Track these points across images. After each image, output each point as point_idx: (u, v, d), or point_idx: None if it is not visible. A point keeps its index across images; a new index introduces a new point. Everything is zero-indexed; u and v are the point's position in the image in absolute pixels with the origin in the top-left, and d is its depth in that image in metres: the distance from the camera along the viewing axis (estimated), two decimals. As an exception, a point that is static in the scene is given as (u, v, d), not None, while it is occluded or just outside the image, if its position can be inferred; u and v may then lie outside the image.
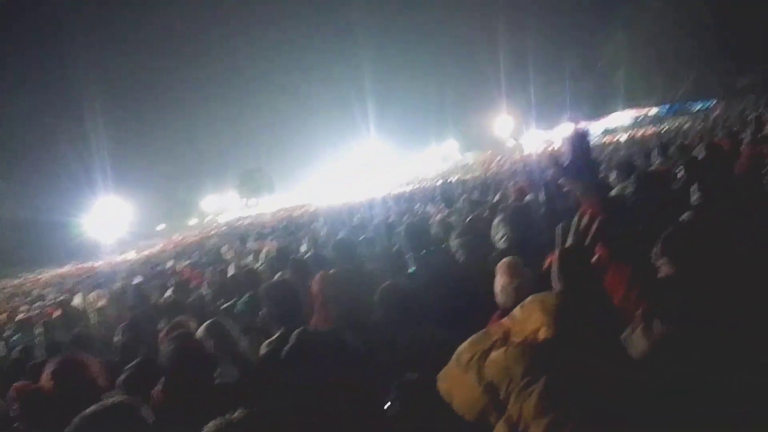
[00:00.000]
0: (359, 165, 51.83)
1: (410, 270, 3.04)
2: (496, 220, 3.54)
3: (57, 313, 9.25)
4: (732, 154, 5.78)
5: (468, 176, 26.72)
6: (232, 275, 6.06)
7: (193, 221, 56.85)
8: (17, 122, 52.01)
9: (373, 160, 50.37)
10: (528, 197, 5.57)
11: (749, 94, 30.48)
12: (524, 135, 41.30)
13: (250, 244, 16.62)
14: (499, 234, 3.49)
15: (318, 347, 1.68)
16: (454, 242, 3.49)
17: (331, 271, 3.14)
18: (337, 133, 56.18)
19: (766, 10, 30.67)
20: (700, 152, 5.84)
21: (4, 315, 12.41)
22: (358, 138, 51.50)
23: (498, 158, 36.49)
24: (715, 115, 28.28)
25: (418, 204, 13.29)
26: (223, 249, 17.28)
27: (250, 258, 11.72)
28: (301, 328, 1.66)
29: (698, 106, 34.29)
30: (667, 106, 35.08)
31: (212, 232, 32.19)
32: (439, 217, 6.67)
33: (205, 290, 6.33)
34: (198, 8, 67.83)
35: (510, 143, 43.57)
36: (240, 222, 36.31)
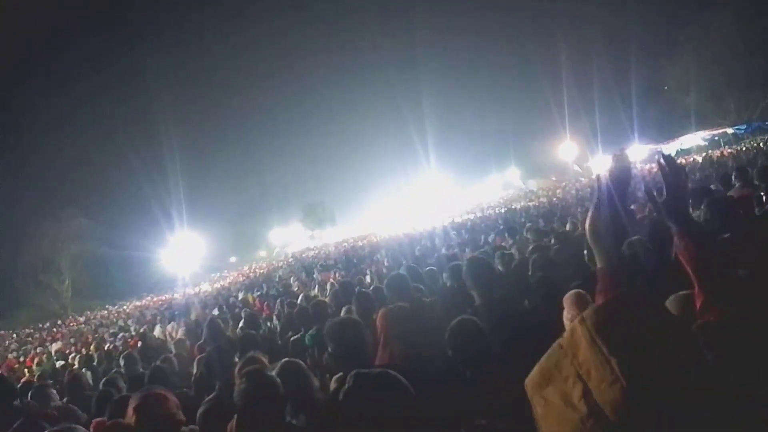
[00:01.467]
0: (420, 194, 52.04)
1: (476, 305, 3.00)
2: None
3: (138, 344, 9.82)
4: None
5: (531, 203, 26.18)
6: (300, 307, 6.21)
7: (261, 253, 58.77)
8: (100, 163, 56.48)
9: (434, 189, 50.42)
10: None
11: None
12: (589, 160, 40.06)
13: (316, 276, 17.00)
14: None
15: (374, 388, 1.67)
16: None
17: (395, 306, 3.15)
18: (397, 163, 56.81)
19: None
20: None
21: (93, 345, 13.25)
22: (418, 167, 51.88)
23: (563, 184, 35.56)
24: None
25: (483, 235, 13.13)
26: (291, 280, 17.78)
27: (316, 290, 12.00)
28: (357, 369, 1.68)
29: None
30: (744, 126, 33.05)
31: (279, 264, 33.14)
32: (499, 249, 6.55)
33: (274, 322, 6.53)
34: (266, 51, 71.64)
35: (575, 168, 42.36)
36: (305, 253, 37.13)
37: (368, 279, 9.86)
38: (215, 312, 11.44)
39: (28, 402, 3.96)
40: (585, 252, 3.97)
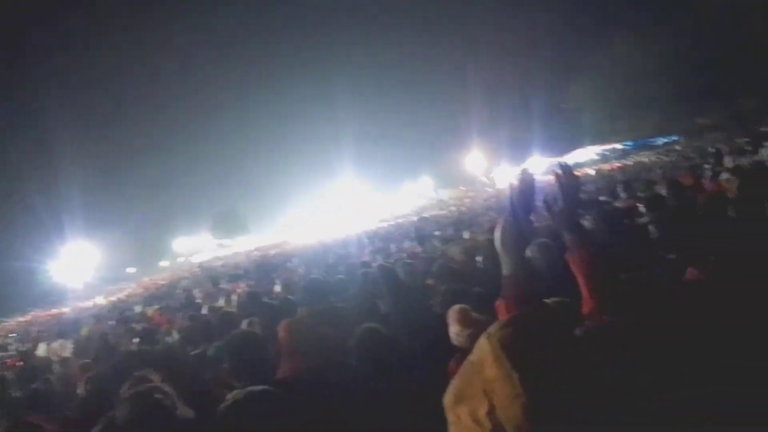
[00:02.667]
0: (335, 203, 51.94)
1: (383, 313, 2.98)
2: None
3: (17, 364, 8.83)
4: (695, 189, 5.97)
5: (442, 212, 26.98)
6: (204, 320, 5.88)
7: (164, 263, 55.62)
8: None
9: (349, 198, 50.56)
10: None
11: (708, 133, 32.18)
12: (495, 171, 42.15)
13: (223, 286, 16.29)
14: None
15: (250, 409, 1.60)
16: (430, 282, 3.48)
17: (299, 316, 3.06)
18: (312, 172, 56.51)
19: (722, 57, 32.63)
20: (662, 188, 6.01)
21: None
22: (333, 177, 51.82)
23: (472, 194, 37.05)
24: (677, 150, 29.52)
25: (394, 243, 13.29)
26: (195, 291, 16.88)
27: (222, 301, 11.47)
28: (246, 389, 1.60)
29: (661, 141, 35.80)
30: (631, 142, 36.40)
31: (184, 275, 31.49)
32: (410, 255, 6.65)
33: (174, 337, 6.12)
34: (172, 53, 68.33)
35: (483, 179, 44.35)
36: (213, 263, 35.65)
37: (278, 288, 9.59)
38: (107, 326, 10.59)
39: None
40: (480, 258, 4.10)
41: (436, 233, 11.59)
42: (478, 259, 4.29)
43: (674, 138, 35.47)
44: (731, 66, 32.16)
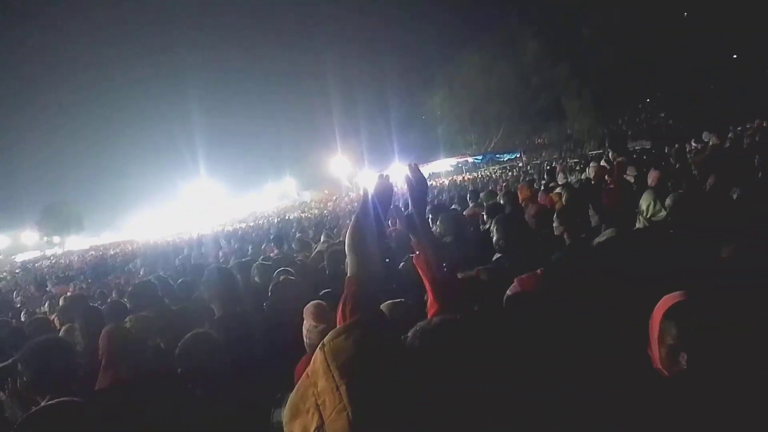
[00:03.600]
0: (190, 202, 48.88)
1: (215, 318, 2.78)
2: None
3: None
4: (529, 201, 6.58)
5: (304, 214, 26.76)
6: (16, 327, 5.05)
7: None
8: None
9: (205, 197, 47.91)
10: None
11: (545, 151, 36.40)
12: (359, 176, 43.02)
13: (50, 289, 14.39)
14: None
15: (58, 422, 1.39)
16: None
17: (118, 324, 2.73)
18: (163, 170, 52.48)
19: (556, 83, 37.07)
20: (501, 198, 6.54)
21: None
22: (187, 175, 48.69)
23: (335, 197, 37.32)
24: (519, 165, 32.85)
25: (252, 244, 12.80)
26: (14, 295, 14.70)
27: (46, 306, 10.15)
28: (42, 404, 1.36)
29: (506, 157, 39.56)
30: (481, 156, 39.67)
31: (2, 275, 27.28)
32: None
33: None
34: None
35: (346, 183, 44.95)
36: (40, 263, 31.39)
37: (114, 294, 8.72)
38: None
39: None
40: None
41: (297, 235, 11.40)
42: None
43: (516, 154, 39.42)
44: (565, 91, 36.66)
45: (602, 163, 9.50)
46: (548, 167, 17.93)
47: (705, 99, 30.10)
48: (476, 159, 39.27)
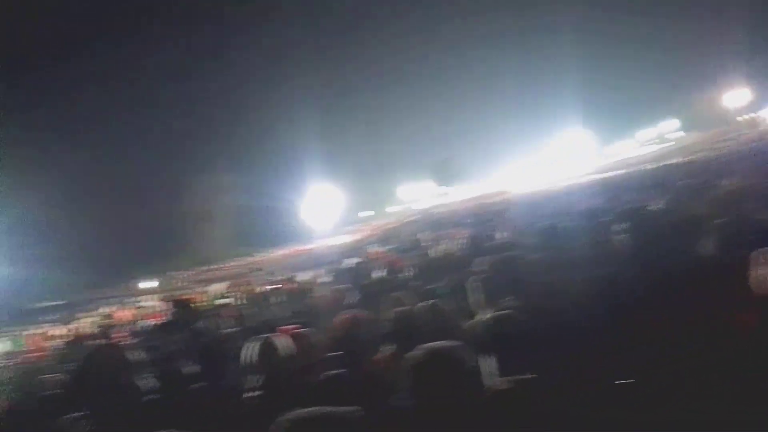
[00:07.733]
0: (558, 152, 49.36)
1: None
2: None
3: (292, 287, 10.85)
4: None
5: (686, 159, 23.45)
6: (433, 258, 6.42)
7: (392, 209, 60.22)
8: (238, 124, 60.84)
9: (574, 147, 47.44)
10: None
11: None
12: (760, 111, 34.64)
13: (446, 231, 17.09)
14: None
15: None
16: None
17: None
18: (534, 118, 53.74)
19: None
20: None
21: (249, 287, 15.05)
22: (557, 125, 48.80)
23: (724, 138, 31.20)
24: None
25: (628, 193, 12.13)
26: (420, 235, 18.10)
27: (445, 244, 12.12)
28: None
29: None
30: None
31: (409, 220, 33.84)
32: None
33: (409, 272, 6.85)
34: (399, 7, 71.03)
35: (743, 118, 36.92)
36: (435, 210, 37.35)
37: (498, 235, 9.74)
38: (357, 260, 12.00)
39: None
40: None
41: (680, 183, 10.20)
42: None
43: None
44: None
45: None
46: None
47: None
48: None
